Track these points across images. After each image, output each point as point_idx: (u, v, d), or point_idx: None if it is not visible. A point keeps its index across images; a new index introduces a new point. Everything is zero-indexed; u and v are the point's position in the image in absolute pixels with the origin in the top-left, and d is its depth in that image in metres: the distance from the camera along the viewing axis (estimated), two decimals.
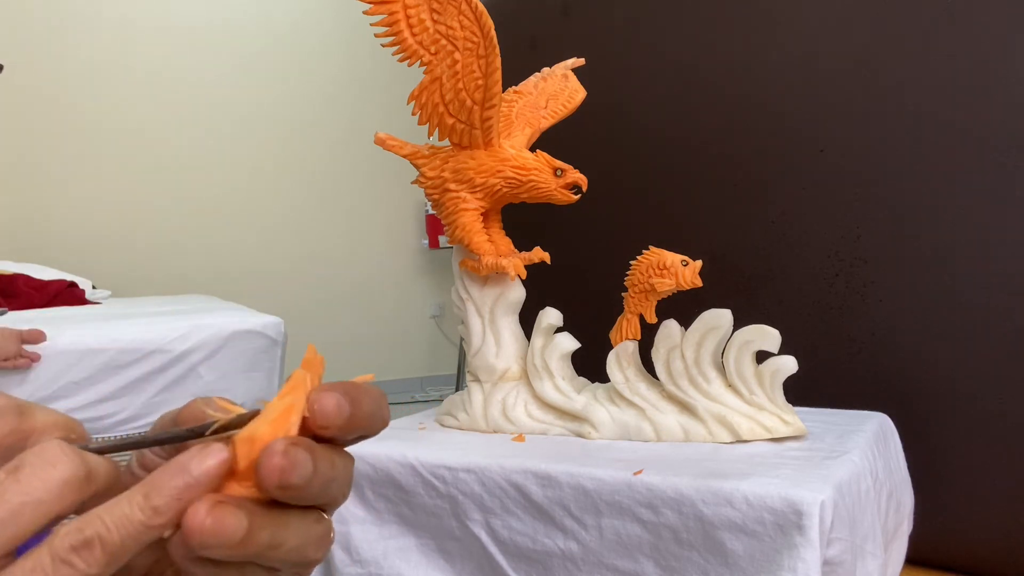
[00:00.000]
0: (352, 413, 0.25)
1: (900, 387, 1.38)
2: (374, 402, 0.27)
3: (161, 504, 0.23)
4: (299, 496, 0.24)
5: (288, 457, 0.23)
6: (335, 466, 0.26)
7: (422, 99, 1.02)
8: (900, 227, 1.38)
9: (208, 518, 0.23)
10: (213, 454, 0.24)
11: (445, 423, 1.16)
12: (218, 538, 0.23)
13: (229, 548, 0.23)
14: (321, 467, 0.25)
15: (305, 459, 0.24)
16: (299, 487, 0.24)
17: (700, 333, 0.99)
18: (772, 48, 1.52)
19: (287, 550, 0.25)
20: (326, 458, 0.25)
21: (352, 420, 0.26)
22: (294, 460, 0.23)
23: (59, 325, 1.64)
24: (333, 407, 0.25)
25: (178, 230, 3.27)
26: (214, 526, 0.23)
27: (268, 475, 0.23)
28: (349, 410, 0.25)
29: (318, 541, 0.27)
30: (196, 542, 0.23)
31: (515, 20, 1.86)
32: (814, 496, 0.77)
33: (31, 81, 2.99)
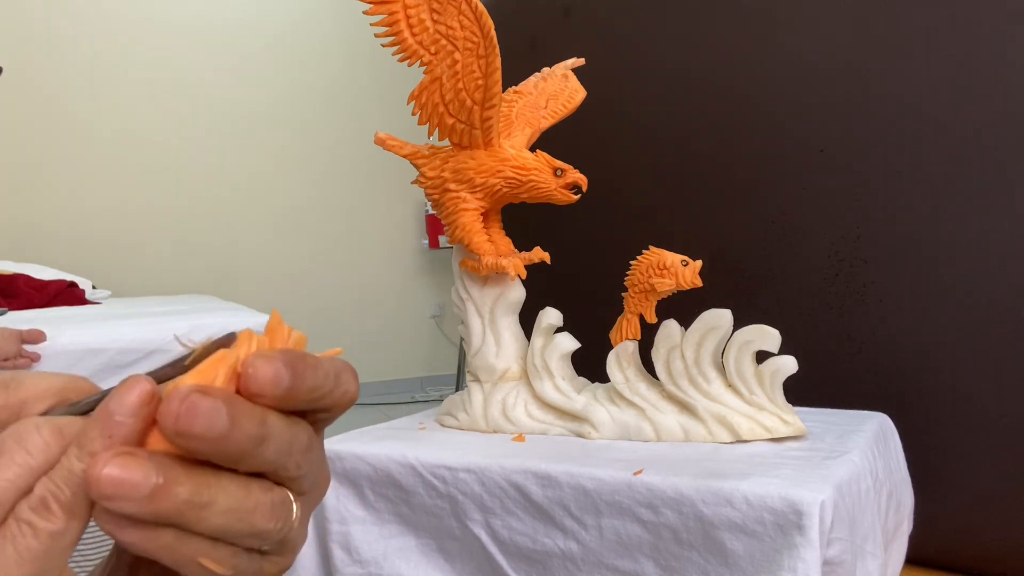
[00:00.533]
0: (292, 386, 0.24)
1: (900, 387, 1.38)
2: (325, 377, 0.26)
3: (96, 447, 0.23)
4: (217, 452, 0.23)
5: (189, 402, 0.22)
6: (267, 425, 0.24)
7: (422, 99, 1.02)
8: (900, 227, 1.38)
9: (107, 467, 0.21)
10: (132, 387, 0.23)
11: (445, 423, 1.16)
12: (120, 489, 0.22)
13: (137, 502, 0.22)
14: (245, 423, 0.23)
15: (214, 408, 0.22)
16: (207, 438, 0.22)
17: (700, 333, 0.99)
18: (772, 48, 1.52)
19: (220, 512, 0.23)
20: (254, 415, 0.23)
21: (292, 392, 0.24)
22: (195, 406, 0.22)
23: (59, 325, 1.64)
24: (269, 376, 0.23)
25: (178, 230, 3.27)
26: (115, 476, 0.21)
27: (163, 420, 0.22)
28: (288, 382, 0.24)
29: (268, 510, 0.25)
30: (95, 492, 0.22)
31: (515, 20, 1.86)
32: (814, 496, 0.77)
33: (31, 82, 2.99)
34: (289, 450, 0.25)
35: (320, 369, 0.25)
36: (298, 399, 0.25)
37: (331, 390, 0.26)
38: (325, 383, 0.26)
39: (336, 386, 0.26)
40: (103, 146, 3.13)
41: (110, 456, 0.22)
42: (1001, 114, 1.27)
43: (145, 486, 0.22)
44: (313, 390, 0.25)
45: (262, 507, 0.25)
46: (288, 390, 0.24)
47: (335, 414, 0.28)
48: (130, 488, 0.22)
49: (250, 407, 0.23)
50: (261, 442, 0.24)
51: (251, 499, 0.24)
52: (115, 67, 3.15)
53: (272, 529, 0.25)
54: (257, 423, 0.23)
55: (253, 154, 3.43)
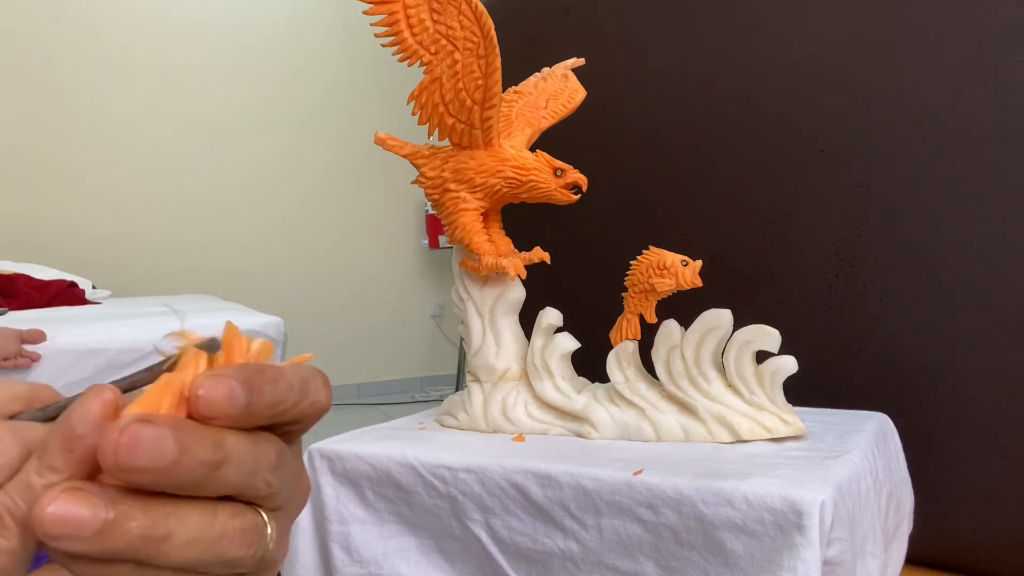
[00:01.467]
0: (249, 402, 0.22)
1: (900, 387, 1.38)
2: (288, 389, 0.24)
3: (56, 463, 0.21)
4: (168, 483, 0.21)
5: (129, 433, 0.20)
6: (223, 448, 0.22)
7: (422, 99, 1.02)
8: (900, 227, 1.38)
9: (53, 504, 0.20)
10: (93, 397, 0.22)
11: (445, 423, 1.16)
12: (65, 528, 0.20)
13: (86, 540, 0.20)
14: (196, 449, 0.21)
15: (158, 437, 0.20)
16: (152, 470, 0.20)
17: (700, 333, 0.99)
18: (772, 48, 1.52)
19: (183, 544, 0.22)
20: (206, 439, 0.22)
21: (250, 410, 0.22)
22: (136, 437, 0.20)
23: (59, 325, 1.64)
24: (221, 395, 0.22)
25: (178, 230, 3.27)
26: (61, 513, 0.20)
27: (103, 455, 0.20)
28: (244, 400, 0.22)
29: (238, 536, 0.23)
30: (41, 532, 0.20)
31: (515, 20, 1.85)
32: (814, 496, 0.77)
33: (31, 81, 3.00)
34: (254, 470, 0.23)
35: (282, 381, 0.24)
36: (258, 416, 0.23)
37: (296, 402, 0.24)
38: (288, 396, 0.24)
39: (303, 397, 0.25)
40: (103, 146, 3.14)
41: (55, 493, 0.20)
42: (1002, 114, 1.27)
43: (93, 523, 0.20)
44: (274, 405, 0.23)
45: (230, 534, 0.23)
46: (244, 408, 0.22)
47: (306, 424, 0.26)
48: (76, 527, 0.20)
49: (201, 431, 0.22)
50: (217, 467, 0.22)
51: (216, 527, 0.23)
52: (116, 67, 3.15)
53: (244, 556, 0.24)
54: (211, 448, 0.22)
55: (253, 154, 3.43)
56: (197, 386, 0.22)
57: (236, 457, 0.23)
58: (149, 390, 0.22)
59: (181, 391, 0.22)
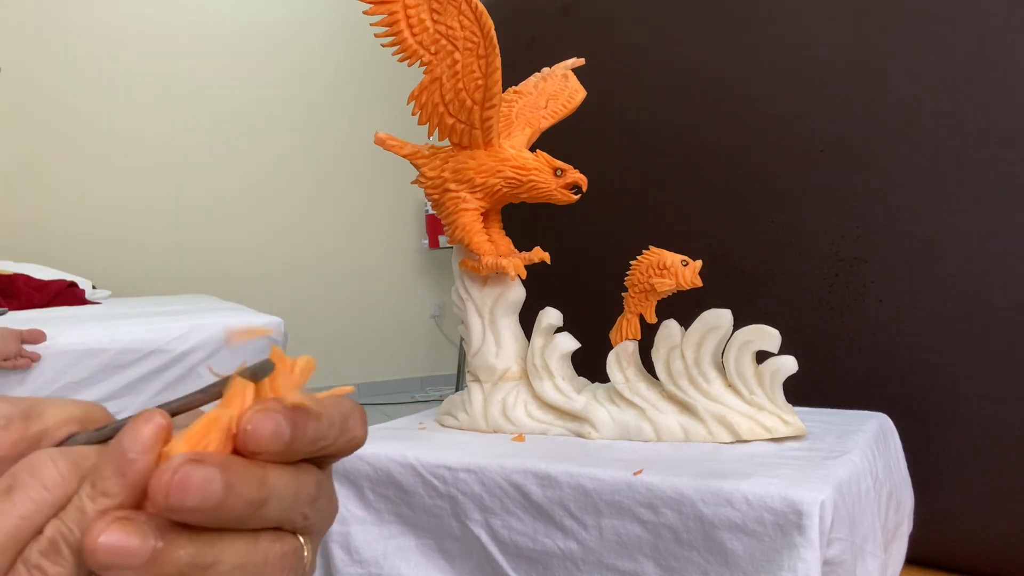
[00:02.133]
0: (293, 438, 0.23)
1: (900, 387, 1.38)
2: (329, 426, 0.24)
3: (109, 487, 0.22)
4: (215, 520, 0.22)
5: (180, 475, 0.21)
6: (267, 486, 0.23)
7: (422, 99, 1.02)
8: (900, 227, 1.38)
9: (104, 534, 0.21)
10: (145, 422, 0.22)
11: (445, 423, 1.16)
12: (117, 557, 0.21)
13: (137, 570, 0.21)
14: (242, 489, 0.22)
15: (207, 478, 0.21)
16: (201, 510, 0.21)
17: (700, 333, 0.99)
18: (772, 48, 1.52)
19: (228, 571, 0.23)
20: (253, 478, 0.22)
21: (292, 446, 0.23)
22: (187, 479, 0.21)
23: (59, 325, 1.64)
24: (268, 432, 0.22)
25: (178, 230, 3.27)
26: (112, 543, 0.20)
27: (154, 495, 0.21)
28: (289, 436, 0.23)
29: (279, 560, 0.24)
30: (92, 562, 0.21)
31: (515, 20, 1.86)
32: (814, 496, 0.77)
33: (31, 81, 3.00)
34: (294, 504, 0.24)
35: (324, 418, 0.24)
36: (299, 452, 0.24)
37: (335, 439, 0.25)
38: (329, 432, 0.24)
39: (341, 434, 0.25)
40: (103, 146, 3.14)
41: (106, 523, 0.21)
42: (1002, 114, 1.27)
43: (143, 552, 0.21)
44: (315, 441, 0.24)
45: (272, 559, 0.24)
46: (288, 444, 0.23)
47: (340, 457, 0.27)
48: (128, 556, 0.21)
49: (248, 470, 0.22)
50: (262, 505, 0.23)
51: (259, 553, 0.23)
52: (116, 67, 3.15)
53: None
54: (256, 486, 0.22)
55: (253, 154, 3.43)
56: (245, 421, 0.22)
57: (278, 494, 0.23)
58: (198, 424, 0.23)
59: (228, 426, 0.23)
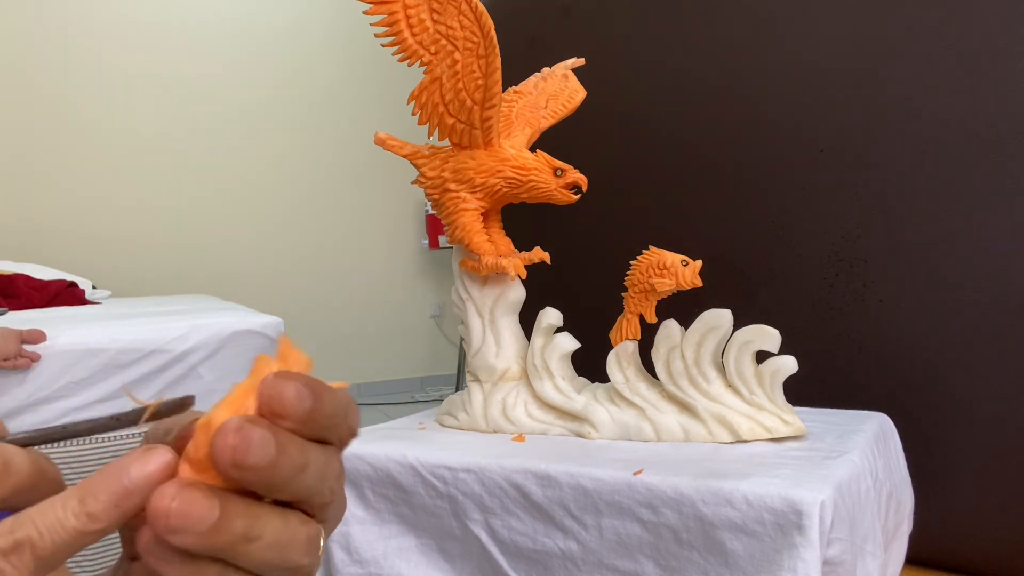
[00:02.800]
0: (313, 407, 0.23)
1: (900, 387, 1.38)
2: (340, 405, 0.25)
3: (98, 511, 0.22)
4: (265, 481, 0.23)
5: (242, 434, 0.22)
6: (306, 453, 0.24)
7: (422, 99, 1.02)
8: (900, 227, 1.38)
9: (176, 500, 0.21)
10: (155, 457, 0.23)
11: (445, 423, 1.16)
12: (187, 521, 0.21)
13: (199, 535, 0.22)
14: (290, 450, 0.23)
15: (264, 438, 0.22)
16: (260, 468, 0.22)
17: (700, 333, 0.99)
18: (772, 48, 1.52)
19: (265, 547, 0.23)
20: (295, 442, 0.23)
21: (313, 414, 0.24)
22: (249, 437, 0.22)
23: (59, 325, 1.64)
24: (292, 395, 0.23)
25: (178, 230, 3.27)
26: (182, 508, 0.21)
27: (220, 454, 0.22)
28: (311, 403, 0.23)
29: (305, 545, 0.25)
30: (162, 525, 0.21)
31: (515, 20, 1.85)
32: (814, 496, 0.77)
33: (31, 82, 3.00)
34: (324, 476, 0.25)
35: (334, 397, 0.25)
36: (319, 423, 0.24)
37: (341, 421, 0.26)
38: (339, 411, 0.25)
39: (345, 419, 0.26)
40: (103, 146, 3.13)
41: (176, 488, 0.22)
42: (1002, 114, 1.27)
43: (209, 518, 0.22)
44: (331, 416, 0.25)
45: (299, 541, 0.25)
46: (310, 412, 0.23)
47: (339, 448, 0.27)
48: (195, 521, 0.21)
49: (289, 435, 0.23)
50: (303, 469, 0.24)
51: (289, 532, 0.24)
52: (116, 67, 3.15)
53: (306, 564, 0.25)
54: (300, 451, 0.23)
55: (253, 154, 3.43)
56: (269, 384, 0.23)
57: (315, 461, 0.24)
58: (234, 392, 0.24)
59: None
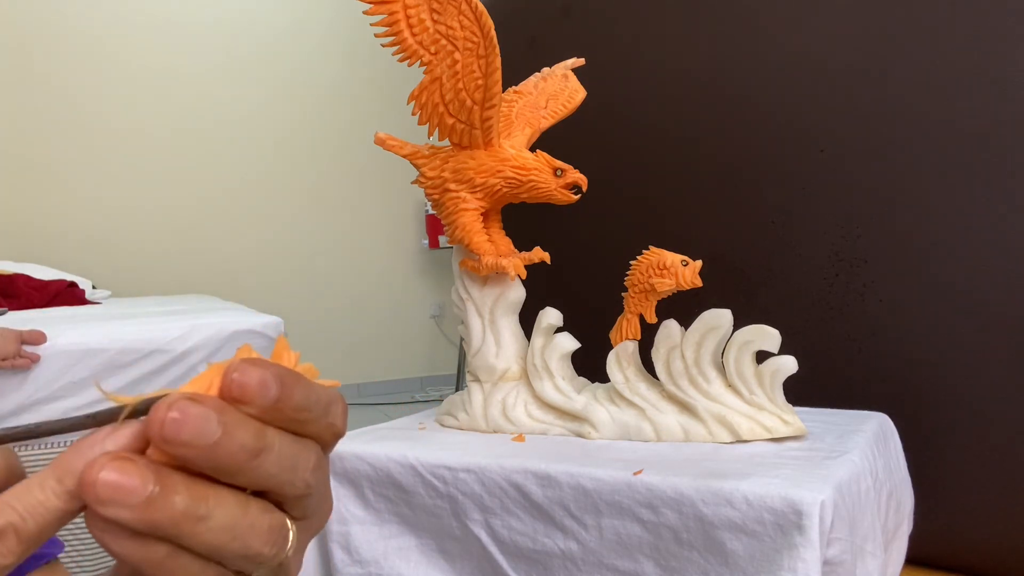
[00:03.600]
0: (279, 397, 0.23)
1: (900, 387, 1.38)
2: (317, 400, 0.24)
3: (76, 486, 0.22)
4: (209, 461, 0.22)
5: (177, 409, 0.21)
6: (265, 438, 0.23)
7: (422, 99, 1.02)
8: (900, 227, 1.38)
9: (105, 470, 0.21)
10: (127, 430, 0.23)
11: (445, 423, 1.16)
12: (117, 493, 0.21)
13: (133, 508, 0.21)
14: (239, 434, 0.22)
15: (203, 416, 0.21)
16: (196, 446, 0.21)
17: (700, 333, 0.99)
18: (772, 48, 1.52)
19: (216, 529, 0.23)
20: (249, 426, 0.22)
21: (279, 404, 0.23)
22: (185, 413, 0.21)
23: (59, 325, 1.64)
24: (256, 381, 0.22)
25: (178, 230, 3.27)
26: (113, 480, 0.21)
27: (151, 426, 0.21)
28: (276, 393, 0.23)
29: (266, 533, 0.24)
30: (91, 496, 0.21)
31: (515, 20, 1.85)
32: (814, 496, 0.77)
33: (32, 82, 3.00)
34: (294, 466, 0.24)
35: (312, 391, 0.24)
36: (286, 415, 0.24)
37: (318, 417, 0.25)
38: (314, 407, 0.24)
39: (324, 415, 0.25)
40: (103, 146, 3.14)
41: (107, 459, 0.21)
42: (1002, 114, 1.27)
43: (142, 492, 0.21)
44: (300, 409, 0.24)
45: (258, 528, 0.24)
46: (275, 401, 0.23)
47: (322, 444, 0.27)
48: (126, 493, 0.21)
49: (246, 419, 0.23)
50: (257, 455, 0.23)
51: (248, 518, 0.24)
52: (116, 67, 3.15)
53: (266, 553, 0.24)
54: (252, 435, 0.23)
55: (253, 154, 3.43)
56: (233, 368, 0.22)
57: (277, 450, 0.23)
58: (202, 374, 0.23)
59: None
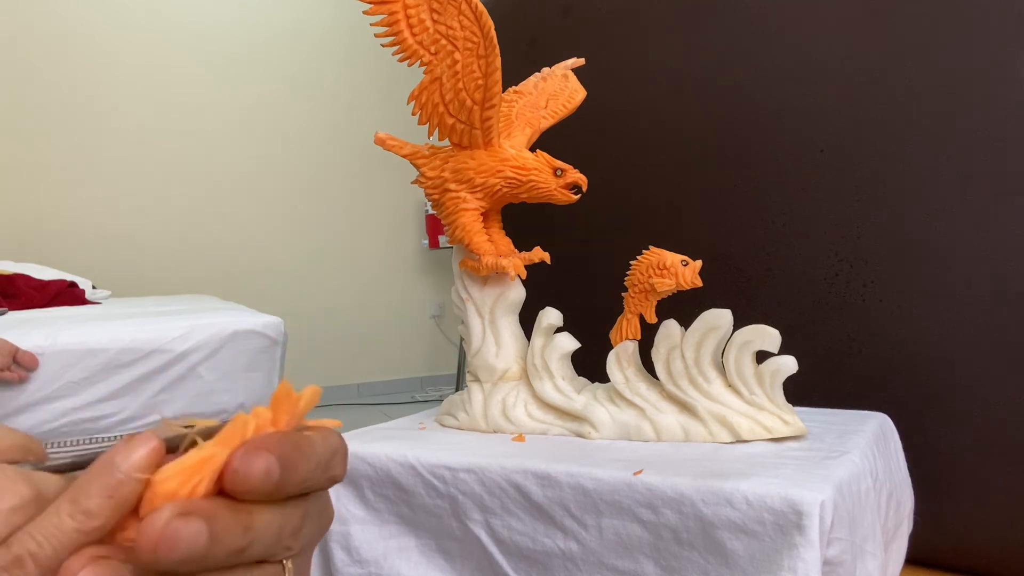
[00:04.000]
0: (282, 479, 0.23)
1: (900, 387, 1.38)
2: (317, 465, 0.25)
3: (92, 506, 0.22)
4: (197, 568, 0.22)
5: (169, 531, 0.21)
6: (252, 531, 0.23)
7: (422, 99, 1.02)
8: (900, 227, 1.38)
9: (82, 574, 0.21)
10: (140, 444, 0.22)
11: (445, 423, 1.16)
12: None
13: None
14: (227, 540, 0.22)
15: (196, 532, 0.21)
16: (187, 562, 0.21)
17: (700, 333, 0.99)
18: (772, 48, 1.52)
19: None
20: (238, 526, 0.22)
21: (281, 487, 0.23)
22: (176, 534, 0.21)
23: (59, 325, 1.64)
24: (259, 472, 0.22)
25: (178, 230, 3.27)
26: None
27: (142, 548, 0.21)
28: (278, 476, 0.23)
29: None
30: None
31: (515, 20, 1.86)
32: (814, 496, 0.77)
33: (31, 82, 3.00)
34: (277, 540, 0.24)
35: (313, 458, 0.24)
36: (288, 491, 0.24)
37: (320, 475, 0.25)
38: (315, 472, 0.25)
39: (324, 472, 0.25)
40: (103, 146, 3.14)
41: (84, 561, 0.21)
42: (1003, 114, 1.27)
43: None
44: (303, 482, 0.24)
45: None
46: (277, 485, 0.23)
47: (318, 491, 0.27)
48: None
49: (235, 517, 0.23)
50: (244, 551, 0.23)
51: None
52: (116, 67, 3.15)
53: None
54: (241, 534, 0.23)
55: (253, 154, 3.43)
56: (235, 460, 0.22)
57: (262, 537, 0.24)
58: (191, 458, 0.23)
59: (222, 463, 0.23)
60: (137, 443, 0.23)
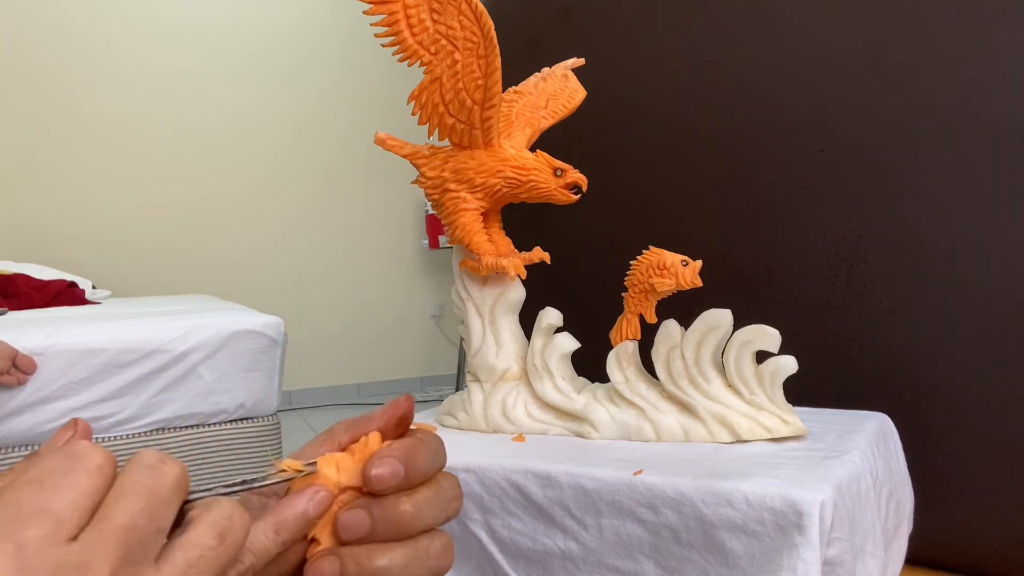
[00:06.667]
0: (407, 475, 0.33)
1: (900, 387, 1.38)
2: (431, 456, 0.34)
3: (287, 538, 0.32)
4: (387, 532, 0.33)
5: (356, 514, 0.33)
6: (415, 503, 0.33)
7: (422, 99, 1.02)
8: (900, 226, 1.38)
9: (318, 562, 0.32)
10: (322, 499, 0.32)
11: (445, 423, 1.16)
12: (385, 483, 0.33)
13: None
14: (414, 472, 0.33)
15: (359, 518, 0.32)
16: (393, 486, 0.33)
17: (700, 333, 0.99)
18: (773, 48, 1.52)
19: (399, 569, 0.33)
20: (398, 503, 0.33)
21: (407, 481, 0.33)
22: (362, 517, 0.32)
23: (59, 325, 1.64)
24: (388, 475, 0.32)
25: (178, 230, 3.27)
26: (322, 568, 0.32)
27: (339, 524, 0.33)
28: (403, 473, 0.32)
29: (439, 552, 0.34)
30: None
31: (515, 20, 1.86)
32: (814, 496, 0.77)
33: (31, 82, 3.00)
34: (442, 506, 0.34)
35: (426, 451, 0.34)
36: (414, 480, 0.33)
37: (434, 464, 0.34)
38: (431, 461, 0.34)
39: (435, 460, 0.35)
40: (103, 146, 3.14)
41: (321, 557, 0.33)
42: (1003, 113, 1.27)
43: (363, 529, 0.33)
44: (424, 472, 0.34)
45: (433, 552, 0.34)
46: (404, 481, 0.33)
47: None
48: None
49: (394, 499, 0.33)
50: (413, 519, 0.33)
51: (420, 550, 0.33)
52: (116, 67, 3.15)
53: (445, 565, 0.34)
54: (412, 505, 0.33)
55: (253, 154, 3.43)
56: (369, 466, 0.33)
57: (426, 507, 0.34)
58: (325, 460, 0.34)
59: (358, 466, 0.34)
60: (320, 497, 0.33)
